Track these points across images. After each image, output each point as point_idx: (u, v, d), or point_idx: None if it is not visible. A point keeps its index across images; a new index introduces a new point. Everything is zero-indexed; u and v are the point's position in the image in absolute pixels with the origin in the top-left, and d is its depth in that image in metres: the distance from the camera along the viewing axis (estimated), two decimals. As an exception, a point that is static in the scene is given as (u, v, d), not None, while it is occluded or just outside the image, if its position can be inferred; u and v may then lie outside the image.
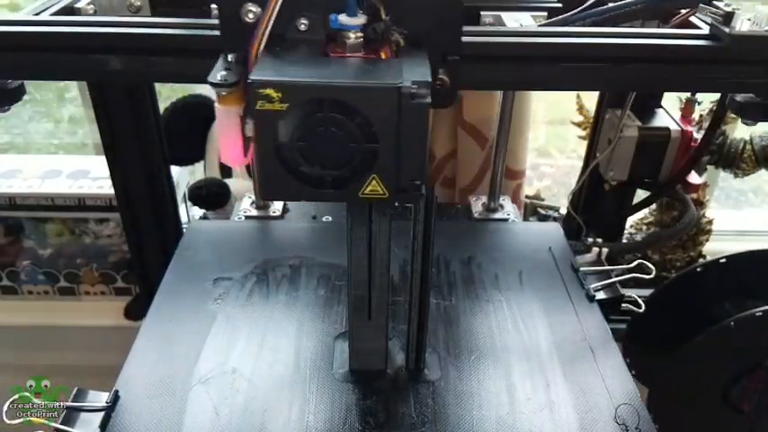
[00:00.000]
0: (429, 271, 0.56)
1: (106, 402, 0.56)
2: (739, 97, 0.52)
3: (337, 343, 0.63)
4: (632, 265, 0.73)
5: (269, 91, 0.38)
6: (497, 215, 0.86)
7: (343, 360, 0.61)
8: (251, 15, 0.43)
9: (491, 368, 0.61)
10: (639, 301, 0.71)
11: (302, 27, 0.44)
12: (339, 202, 0.50)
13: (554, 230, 0.82)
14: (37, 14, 0.53)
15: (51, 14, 0.54)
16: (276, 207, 0.85)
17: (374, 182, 0.42)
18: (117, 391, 0.57)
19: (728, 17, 0.48)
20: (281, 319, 0.66)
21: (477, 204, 0.88)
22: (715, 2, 0.52)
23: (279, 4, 0.42)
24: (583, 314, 0.68)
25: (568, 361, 0.62)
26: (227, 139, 0.43)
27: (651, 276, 0.72)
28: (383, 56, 0.43)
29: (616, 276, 0.73)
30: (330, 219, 0.83)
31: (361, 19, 0.43)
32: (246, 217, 0.83)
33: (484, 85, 0.57)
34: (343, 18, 0.43)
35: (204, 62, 0.44)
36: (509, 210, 0.86)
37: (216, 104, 0.42)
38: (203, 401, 0.56)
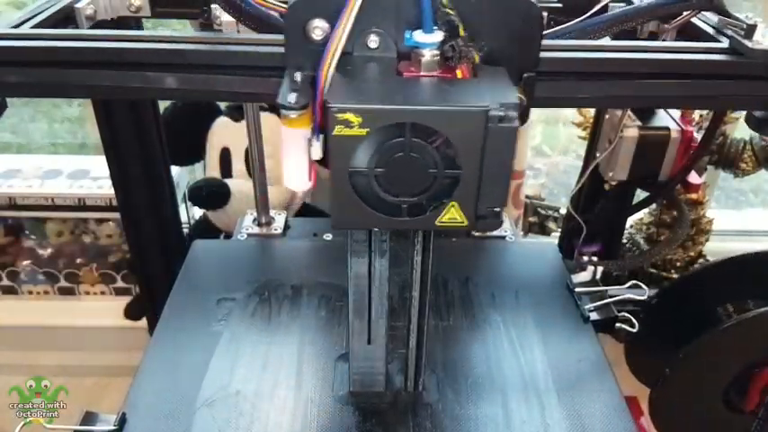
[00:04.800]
0: (427, 297, 0.56)
1: (114, 425, 0.56)
2: (758, 112, 0.50)
3: (338, 364, 0.64)
4: (627, 285, 0.74)
5: (348, 116, 0.36)
6: (495, 232, 0.86)
7: (343, 382, 0.62)
8: (318, 32, 0.40)
9: (488, 390, 0.62)
10: (633, 320, 0.72)
11: (372, 44, 0.41)
12: (415, 229, 0.49)
13: (550, 249, 0.83)
14: (16, 26, 0.51)
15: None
16: (278, 225, 0.86)
17: (453, 209, 0.40)
18: (124, 414, 0.57)
19: (750, 30, 0.47)
20: (283, 340, 0.67)
21: None
22: (735, 14, 0.50)
23: (352, 20, 0.39)
24: (578, 335, 0.68)
25: (563, 383, 0.62)
26: (294, 163, 0.40)
27: (644, 298, 0.73)
28: (459, 74, 0.41)
29: (611, 297, 0.73)
30: (330, 237, 0.84)
31: (438, 36, 0.40)
32: (249, 234, 0.84)
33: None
34: (418, 35, 0.40)
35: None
36: (506, 226, 0.87)
37: (282, 127, 0.39)
38: (208, 424, 0.57)
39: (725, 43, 0.49)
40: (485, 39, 0.41)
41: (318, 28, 0.41)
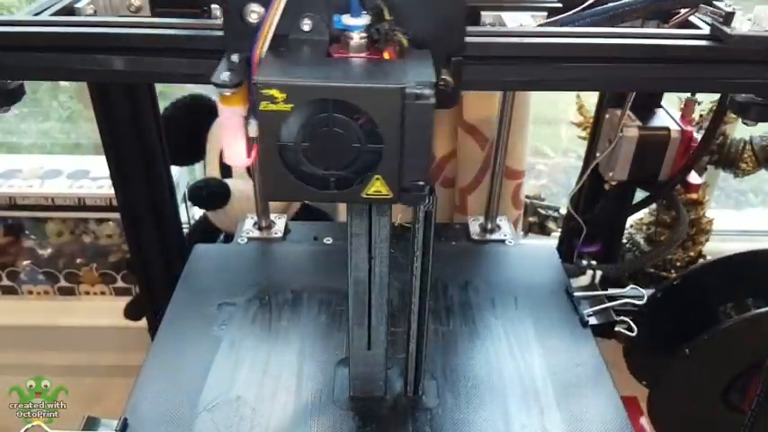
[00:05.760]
0: (427, 302, 0.57)
1: (115, 430, 0.56)
2: (740, 97, 0.52)
3: (338, 369, 0.64)
4: (625, 289, 0.75)
5: (273, 91, 0.38)
6: (494, 236, 0.87)
7: (343, 387, 0.62)
8: (254, 16, 0.43)
9: (487, 395, 0.62)
10: (632, 324, 0.72)
11: (305, 27, 0.44)
12: (343, 202, 0.51)
13: (550, 253, 0.83)
14: (37, 14, 0.53)
15: (51, 14, 0.54)
16: (278, 228, 0.86)
17: (378, 182, 0.42)
18: (126, 419, 0.57)
19: (729, 17, 0.48)
20: (283, 345, 0.67)
21: (475, 225, 0.88)
22: (715, 2, 0.52)
23: (282, 4, 0.42)
24: (576, 340, 0.69)
25: (562, 388, 0.63)
26: (231, 140, 0.43)
27: (643, 302, 0.73)
28: (387, 57, 0.43)
29: (609, 301, 0.74)
30: (331, 240, 0.84)
31: (364, 20, 0.42)
32: (249, 238, 0.84)
33: (487, 86, 0.57)
34: (346, 19, 0.43)
35: (208, 62, 0.44)
36: (506, 230, 0.87)
37: (219, 104, 0.42)
38: (209, 429, 0.58)
39: (705, 30, 0.51)
40: (411, 24, 0.43)
41: (254, 12, 0.43)
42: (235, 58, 0.44)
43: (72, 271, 1.16)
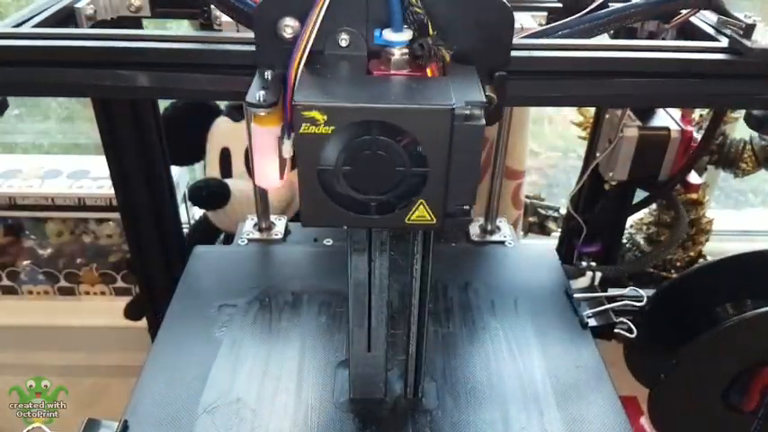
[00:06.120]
0: (427, 304, 0.57)
1: None
2: (757, 111, 0.51)
3: (338, 371, 0.64)
4: (625, 290, 0.75)
5: (314, 113, 0.36)
6: (494, 237, 0.87)
7: (344, 389, 0.62)
8: (289, 31, 0.41)
9: (487, 397, 0.62)
10: (632, 326, 0.72)
11: (343, 43, 0.42)
12: (384, 228, 0.49)
13: (549, 254, 0.83)
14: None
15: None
16: (278, 230, 0.86)
17: (421, 207, 0.40)
18: (126, 421, 0.57)
19: (749, 30, 0.47)
20: (283, 346, 0.67)
21: (475, 226, 0.88)
22: (735, 13, 0.50)
23: (320, 19, 0.40)
24: (576, 341, 0.69)
25: (562, 390, 0.63)
26: (264, 161, 0.41)
27: (643, 303, 0.73)
28: (429, 73, 0.41)
29: (609, 302, 0.74)
30: (331, 242, 0.84)
31: (406, 35, 0.40)
32: (249, 240, 0.84)
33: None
34: (387, 34, 0.40)
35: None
36: (506, 232, 0.87)
37: (252, 125, 0.40)
38: (209, 431, 0.57)
39: (724, 42, 0.49)
40: (455, 38, 0.41)
41: (289, 26, 0.41)
42: (267, 75, 0.41)
43: (72, 271, 1.16)
